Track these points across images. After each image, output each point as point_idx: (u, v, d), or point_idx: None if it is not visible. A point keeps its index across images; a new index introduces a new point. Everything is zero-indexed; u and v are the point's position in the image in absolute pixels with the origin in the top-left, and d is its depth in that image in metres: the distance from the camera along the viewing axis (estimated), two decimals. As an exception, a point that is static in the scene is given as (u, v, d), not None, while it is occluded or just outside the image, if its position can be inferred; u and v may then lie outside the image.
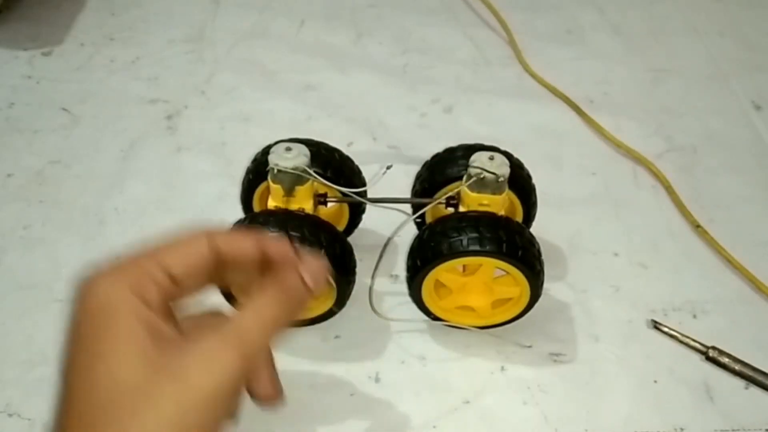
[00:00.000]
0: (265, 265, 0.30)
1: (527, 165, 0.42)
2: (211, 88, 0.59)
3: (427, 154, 0.43)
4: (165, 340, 0.27)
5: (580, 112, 0.57)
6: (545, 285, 0.39)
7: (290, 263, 0.30)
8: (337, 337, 0.43)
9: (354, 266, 0.40)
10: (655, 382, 0.41)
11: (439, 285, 0.41)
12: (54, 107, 0.56)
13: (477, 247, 0.37)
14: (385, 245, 0.39)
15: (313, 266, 0.30)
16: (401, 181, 0.46)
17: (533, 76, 0.60)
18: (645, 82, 0.60)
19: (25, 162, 0.52)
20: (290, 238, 0.37)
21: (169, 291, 0.28)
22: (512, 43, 0.63)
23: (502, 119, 0.57)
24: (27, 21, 0.64)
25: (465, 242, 0.37)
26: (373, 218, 0.46)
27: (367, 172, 0.44)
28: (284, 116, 0.56)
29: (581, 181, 0.52)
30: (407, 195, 0.45)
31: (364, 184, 0.43)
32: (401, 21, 0.66)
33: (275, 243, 0.31)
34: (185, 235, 0.29)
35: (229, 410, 0.29)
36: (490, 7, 0.65)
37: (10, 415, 0.39)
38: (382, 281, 0.45)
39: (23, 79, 0.59)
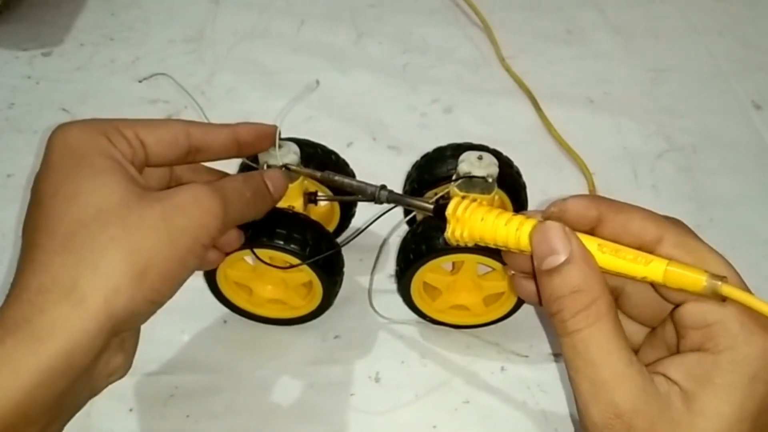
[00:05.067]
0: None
1: (527, 165, 0.42)
2: (211, 88, 0.59)
3: (422, 155, 0.43)
4: (140, 181, 0.29)
5: (538, 108, 0.57)
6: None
7: (264, 137, 0.34)
8: (336, 337, 0.43)
9: (341, 266, 0.40)
10: (655, 382, 0.41)
11: (429, 287, 0.41)
12: (54, 107, 0.56)
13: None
14: (381, 246, 0.39)
15: (275, 176, 0.34)
16: (402, 180, 0.46)
17: (508, 70, 0.60)
18: (645, 82, 0.60)
19: (25, 162, 0.52)
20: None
21: (139, 152, 0.30)
22: (492, 40, 0.63)
23: (502, 119, 0.57)
24: (27, 21, 0.64)
25: (442, 240, 0.37)
26: (371, 217, 0.45)
27: (367, 173, 0.44)
28: (284, 118, 0.56)
29: (580, 182, 0.52)
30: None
31: None
32: (401, 21, 0.65)
33: (246, 126, 0.34)
34: (163, 120, 0.32)
35: (203, 253, 0.30)
36: (472, 6, 0.65)
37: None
38: (382, 281, 0.45)
39: (23, 79, 0.59)
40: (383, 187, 0.36)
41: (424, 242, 0.38)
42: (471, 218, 0.30)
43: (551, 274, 0.26)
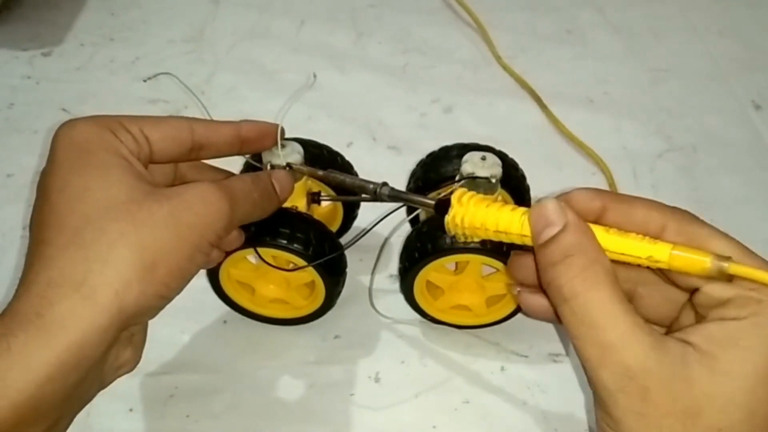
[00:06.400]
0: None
1: (527, 165, 0.42)
2: (211, 88, 0.59)
3: (427, 153, 0.43)
4: (147, 178, 0.29)
5: (543, 106, 0.57)
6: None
7: (267, 135, 0.34)
8: (337, 337, 0.43)
9: (344, 267, 0.40)
10: (655, 382, 0.41)
11: (431, 286, 0.41)
12: (54, 107, 0.56)
13: (461, 244, 0.37)
14: (382, 246, 0.39)
15: (282, 177, 0.35)
16: (402, 180, 0.46)
17: (505, 68, 0.60)
18: (645, 82, 0.60)
19: (25, 162, 0.52)
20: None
21: (144, 147, 0.30)
22: (486, 39, 0.63)
23: (502, 119, 0.57)
24: (27, 21, 0.64)
25: (448, 240, 0.37)
26: (373, 218, 0.46)
27: (367, 172, 0.44)
28: (284, 116, 0.56)
29: (581, 181, 0.52)
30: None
31: None
32: (401, 21, 0.65)
33: (249, 124, 0.35)
34: (167, 116, 0.31)
35: (209, 250, 0.30)
36: (464, 5, 0.65)
37: (10, 415, 0.39)
38: (383, 281, 0.45)
39: (23, 79, 0.59)
40: (384, 184, 0.36)
41: (430, 241, 0.38)
42: (476, 205, 0.30)
43: (546, 245, 0.26)
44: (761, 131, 0.56)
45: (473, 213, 0.30)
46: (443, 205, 0.31)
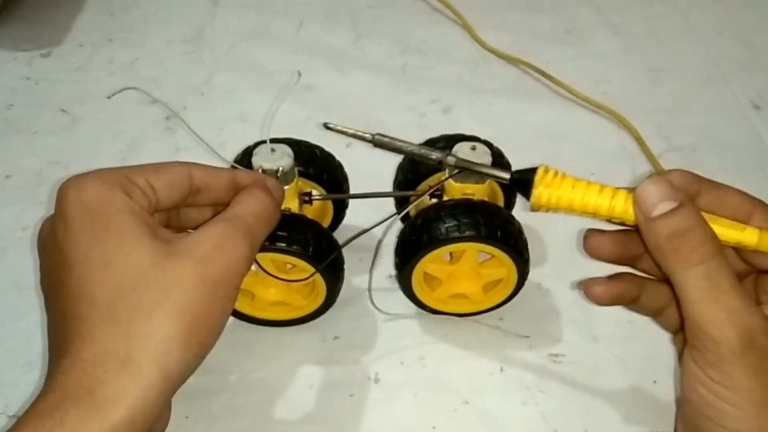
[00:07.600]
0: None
1: (527, 165, 0.42)
2: (210, 89, 0.59)
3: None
4: (162, 233, 0.29)
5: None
6: (545, 285, 0.39)
7: (258, 182, 0.34)
8: (336, 338, 0.43)
9: (342, 263, 0.40)
10: (655, 382, 0.41)
11: (429, 277, 0.41)
12: (53, 108, 0.56)
13: (456, 234, 0.37)
14: (378, 244, 0.39)
15: (274, 184, 0.35)
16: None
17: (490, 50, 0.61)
18: (644, 82, 0.60)
19: (24, 163, 0.52)
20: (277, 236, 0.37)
21: (152, 199, 0.31)
22: (465, 25, 0.63)
23: (501, 119, 0.57)
24: (26, 22, 0.64)
25: (444, 231, 0.37)
26: (370, 216, 0.45)
27: (366, 173, 0.44)
28: (283, 116, 0.56)
29: (581, 181, 0.52)
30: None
31: (345, 179, 0.43)
32: (400, 21, 0.66)
33: (244, 172, 0.35)
34: (166, 162, 0.32)
35: (237, 294, 0.30)
36: (450, 7, 0.65)
37: (9, 417, 0.39)
38: (382, 281, 0.45)
39: (22, 80, 0.59)
40: (449, 153, 0.36)
41: (425, 233, 0.38)
42: (562, 186, 0.31)
43: (668, 216, 0.29)
44: (760, 131, 0.56)
45: (560, 194, 0.31)
46: (523, 176, 0.32)
